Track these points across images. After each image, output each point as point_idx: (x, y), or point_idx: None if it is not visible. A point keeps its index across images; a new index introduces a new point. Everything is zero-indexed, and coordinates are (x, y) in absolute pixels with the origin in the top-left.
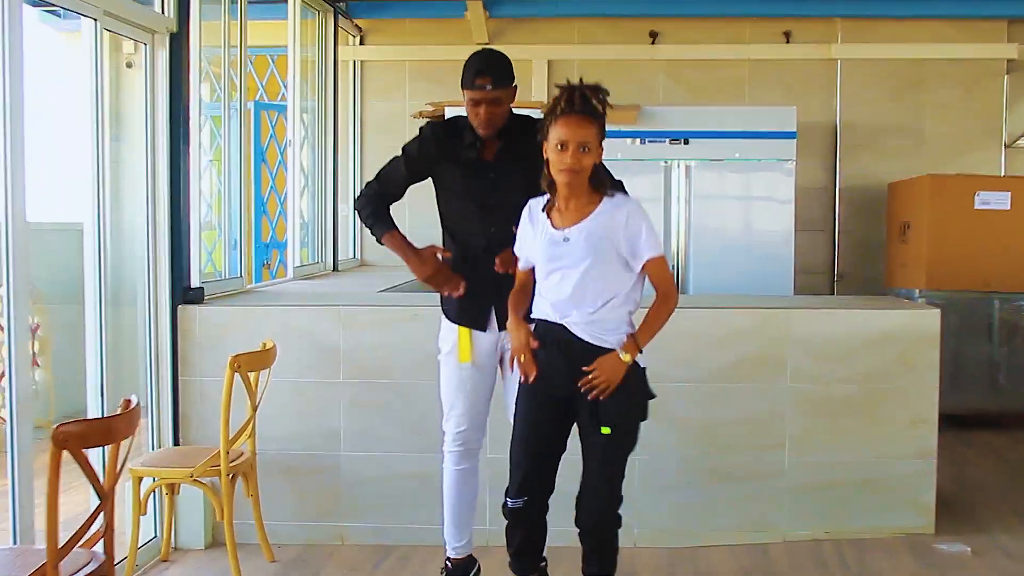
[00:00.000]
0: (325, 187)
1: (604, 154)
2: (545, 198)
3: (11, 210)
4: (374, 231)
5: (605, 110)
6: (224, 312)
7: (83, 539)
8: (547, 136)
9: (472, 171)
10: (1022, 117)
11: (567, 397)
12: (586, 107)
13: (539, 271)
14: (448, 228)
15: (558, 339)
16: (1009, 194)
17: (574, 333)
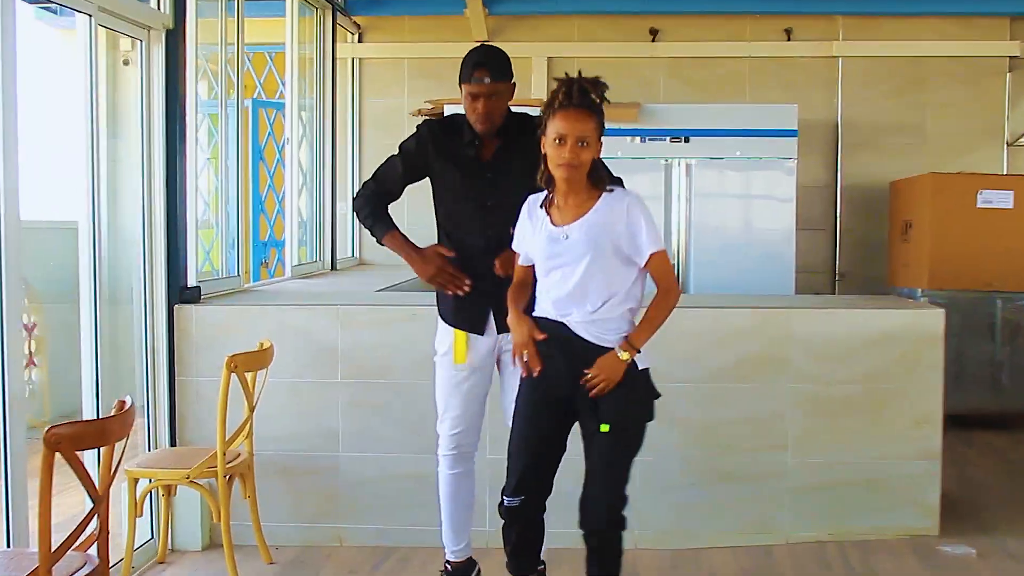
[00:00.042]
0: (323, 185)
1: (604, 152)
2: (544, 194)
3: (4, 208)
4: (374, 232)
5: (603, 103)
6: (221, 311)
7: (77, 542)
8: (545, 130)
9: (470, 170)
10: None
11: (568, 396)
12: (584, 100)
13: (539, 268)
14: (445, 229)
15: (559, 338)
16: (1012, 193)
17: (575, 332)
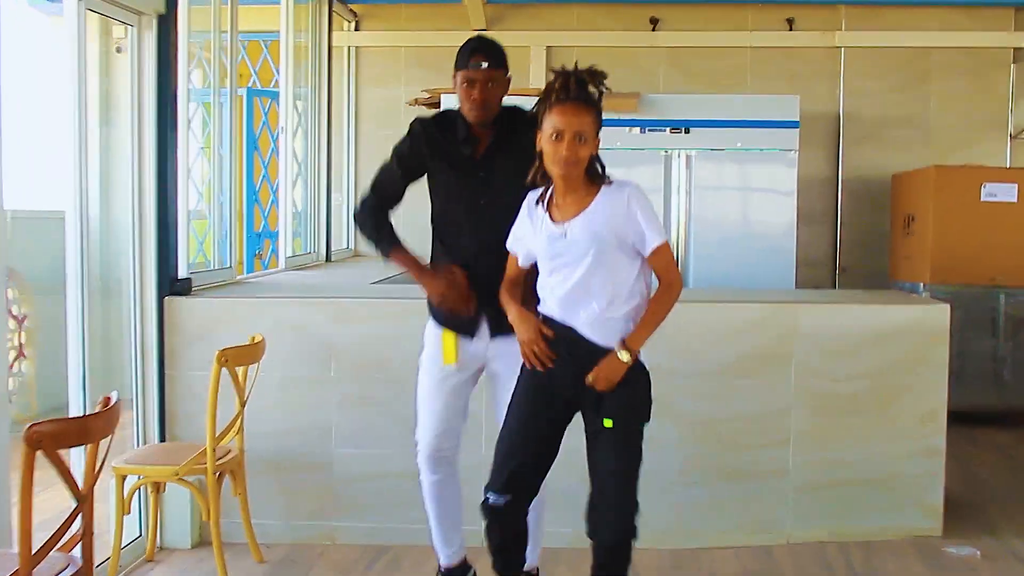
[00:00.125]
0: (319, 176)
1: (602, 143)
2: (541, 190)
3: None
4: (379, 248)
5: (602, 97)
6: (212, 304)
7: (60, 543)
8: (541, 125)
9: (462, 168)
10: None
11: (570, 399)
12: (582, 94)
13: (542, 268)
14: (438, 232)
15: (566, 339)
16: (1016, 186)
17: (581, 334)
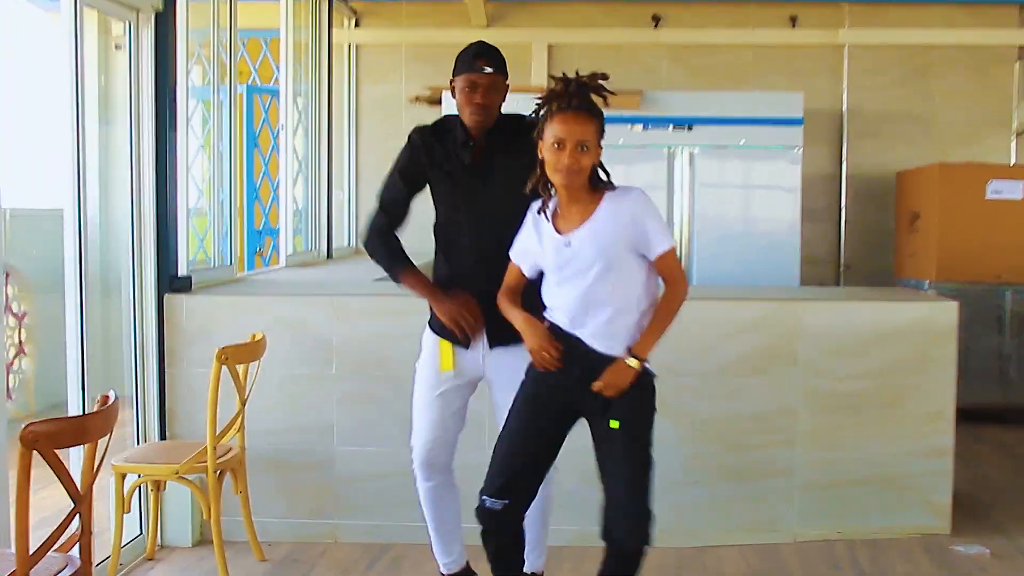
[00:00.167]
0: (319, 173)
1: (605, 140)
2: (543, 200)
3: None
4: (391, 271)
5: (606, 103)
6: (212, 302)
7: (58, 543)
8: (542, 134)
9: (461, 177)
10: None
11: (575, 406)
12: (584, 102)
13: (549, 279)
14: (439, 240)
15: (572, 349)
16: (1021, 183)
17: (589, 345)
